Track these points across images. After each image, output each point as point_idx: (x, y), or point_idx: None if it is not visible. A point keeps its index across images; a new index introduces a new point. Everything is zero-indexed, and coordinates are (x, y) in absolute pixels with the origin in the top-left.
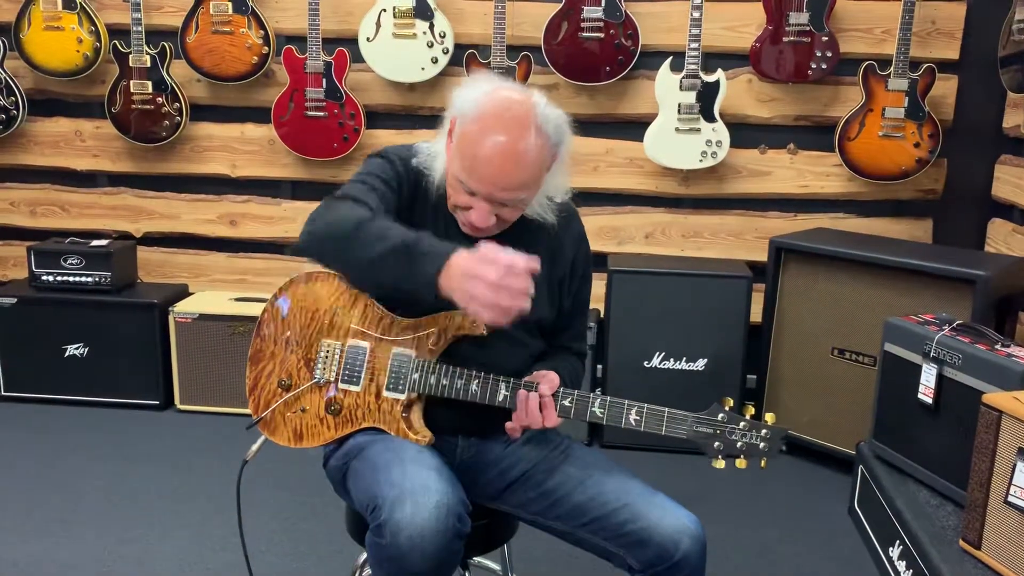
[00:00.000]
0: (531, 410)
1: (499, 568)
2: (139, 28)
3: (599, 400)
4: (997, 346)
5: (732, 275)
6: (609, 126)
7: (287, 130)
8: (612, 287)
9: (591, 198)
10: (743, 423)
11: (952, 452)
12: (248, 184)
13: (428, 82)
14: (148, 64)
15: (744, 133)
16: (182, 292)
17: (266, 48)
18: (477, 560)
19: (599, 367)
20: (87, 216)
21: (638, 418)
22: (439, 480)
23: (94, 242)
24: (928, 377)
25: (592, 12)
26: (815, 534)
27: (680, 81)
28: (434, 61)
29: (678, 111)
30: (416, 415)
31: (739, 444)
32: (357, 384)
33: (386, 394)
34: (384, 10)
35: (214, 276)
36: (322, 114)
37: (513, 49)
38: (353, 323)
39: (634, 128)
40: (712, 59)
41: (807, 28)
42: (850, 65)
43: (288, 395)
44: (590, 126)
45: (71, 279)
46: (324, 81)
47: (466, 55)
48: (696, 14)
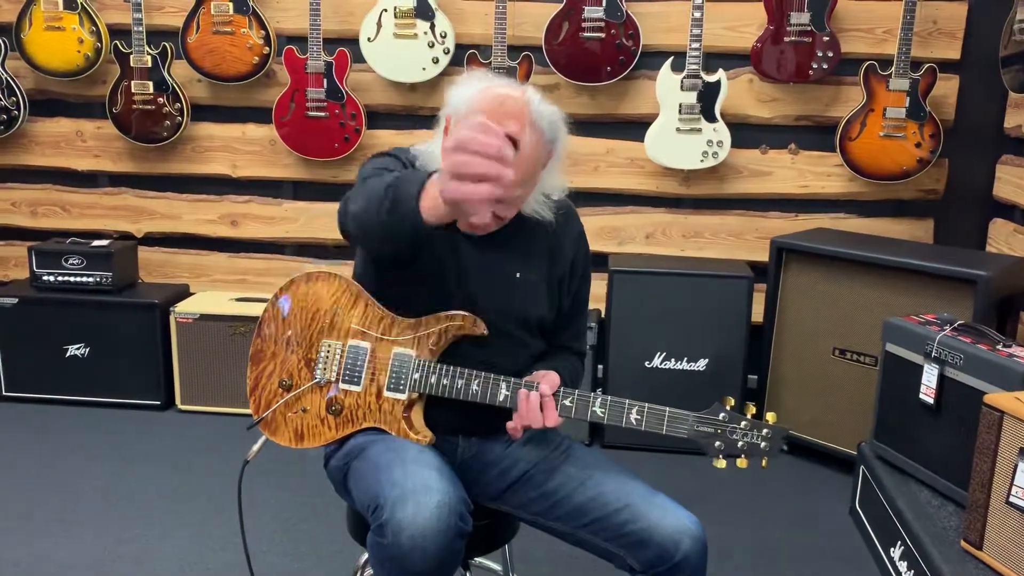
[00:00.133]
0: (532, 409)
1: (500, 568)
2: (140, 28)
3: (600, 399)
4: (998, 346)
5: (733, 275)
6: (610, 126)
7: (288, 130)
8: (613, 287)
9: (592, 198)
10: (744, 422)
11: (953, 452)
12: (249, 184)
13: (429, 82)
14: (149, 64)
15: (745, 133)
16: (183, 292)
17: (267, 48)
18: (478, 560)
19: (600, 367)
20: (88, 216)
21: (639, 417)
22: (441, 480)
23: (95, 242)
24: (929, 377)
25: (593, 12)
26: (816, 534)
27: (681, 81)
28: (435, 61)
29: (679, 111)
30: (417, 415)
31: (740, 443)
32: (358, 384)
33: (387, 394)
34: (385, 10)
35: (215, 276)
36: (323, 114)
37: (514, 49)
38: (354, 323)
39: (635, 128)
40: (713, 59)
41: (808, 28)
42: (851, 65)
43: (289, 395)
44: (591, 126)
45: (72, 279)
46: (325, 81)
47: (467, 55)
48: (697, 14)
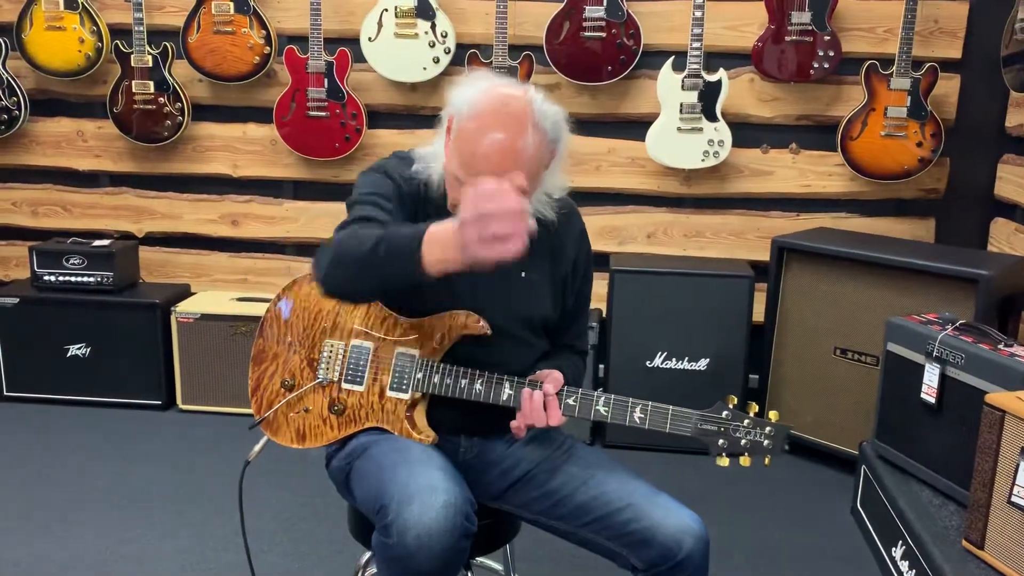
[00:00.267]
0: (536, 409)
1: (501, 568)
2: (141, 28)
3: (604, 398)
4: (1000, 346)
5: (734, 275)
6: (611, 126)
7: (289, 130)
8: (614, 287)
9: (593, 198)
10: (747, 420)
11: (955, 452)
12: (250, 184)
13: (430, 82)
14: (150, 64)
15: (746, 132)
16: (184, 292)
17: (268, 48)
18: (479, 560)
19: (601, 367)
20: (89, 216)
21: (643, 416)
22: (446, 480)
23: (96, 242)
24: (931, 377)
25: (594, 12)
26: (818, 534)
27: (682, 80)
28: (436, 61)
29: (680, 110)
30: (420, 415)
31: (743, 442)
32: (360, 384)
33: (390, 394)
34: (386, 10)
35: (216, 276)
36: (324, 114)
37: (515, 49)
38: (356, 323)
39: (636, 128)
40: (714, 58)
41: (809, 27)
42: (852, 64)
43: (291, 395)
44: (592, 126)
45: (73, 279)
46: (326, 81)
47: (468, 55)
48: (698, 13)
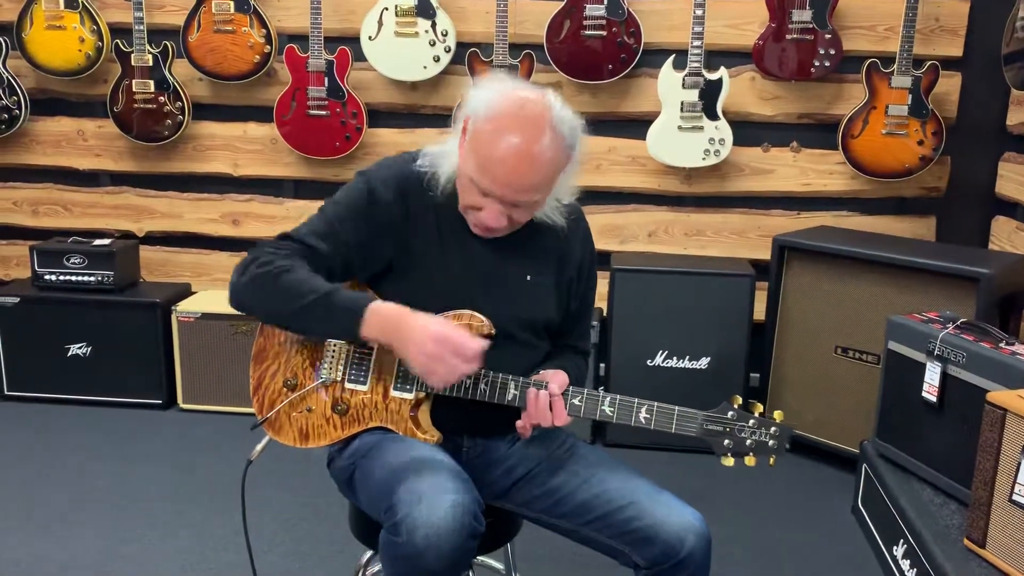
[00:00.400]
0: (541, 408)
1: (502, 567)
2: (141, 27)
3: (609, 398)
4: (1001, 344)
5: (735, 273)
6: (612, 124)
7: (289, 129)
8: (615, 286)
9: (594, 196)
10: (752, 421)
11: (956, 450)
12: (250, 183)
13: (430, 81)
14: (150, 63)
15: (747, 131)
16: (185, 291)
17: (268, 47)
18: (480, 559)
19: (602, 366)
20: (89, 215)
21: (648, 416)
22: (454, 479)
23: (97, 241)
24: (932, 375)
25: (594, 10)
26: (819, 533)
27: (683, 79)
28: (436, 59)
29: (681, 109)
30: (424, 414)
31: (748, 442)
32: (364, 383)
33: (394, 393)
34: (386, 9)
35: (217, 275)
36: (324, 113)
37: (515, 47)
38: None
39: (637, 126)
40: (715, 57)
41: (810, 25)
42: (853, 63)
43: (294, 395)
44: (592, 124)
45: (74, 278)
46: (326, 80)
47: (468, 53)
48: (699, 11)
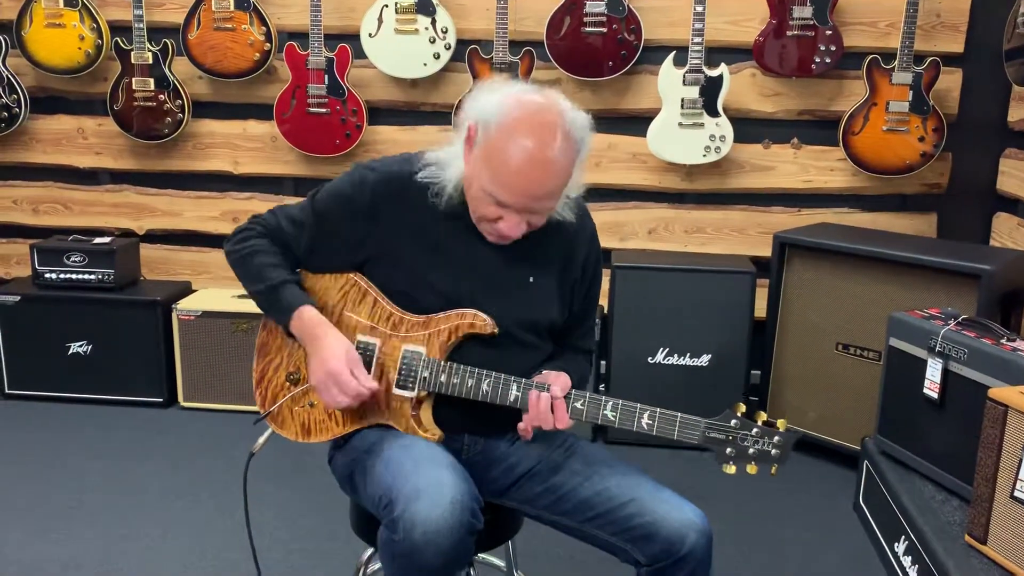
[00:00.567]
0: (543, 411)
1: (503, 564)
2: (141, 25)
3: (611, 403)
4: (1003, 340)
5: (736, 270)
6: (612, 121)
7: (289, 127)
8: (616, 283)
9: (594, 194)
10: (756, 429)
11: (958, 447)
12: (250, 181)
13: (430, 78)
14: (150, 61)
15: (747, 128)
16: (185, 289)
17: (268, 44)
18: (481, 556)
19: (603, 363)
20: (90, 214)
21: (650, 422)
22: (453, 476)
23: (97, 240)
24: (933, 372)
25: (595, 7)
26: (820, 529)
27: (683, 76)
28: (436, 57)
29: (681, 106)
30: (426, 413)
31: (751, 451)
32: None
33: (396, 391)
34: (386, 6)
35: (217, 273)
36: (324, 110)
37: (515, 44)
38: (362, 318)
39: (637, 123)
40: (715, 53)
41: (811, 22)
42: (854, 59)
43: (296, 390)
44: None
45: (74, 277)
46: (326, 77)
47: (468, 51)
48: (699, 8)
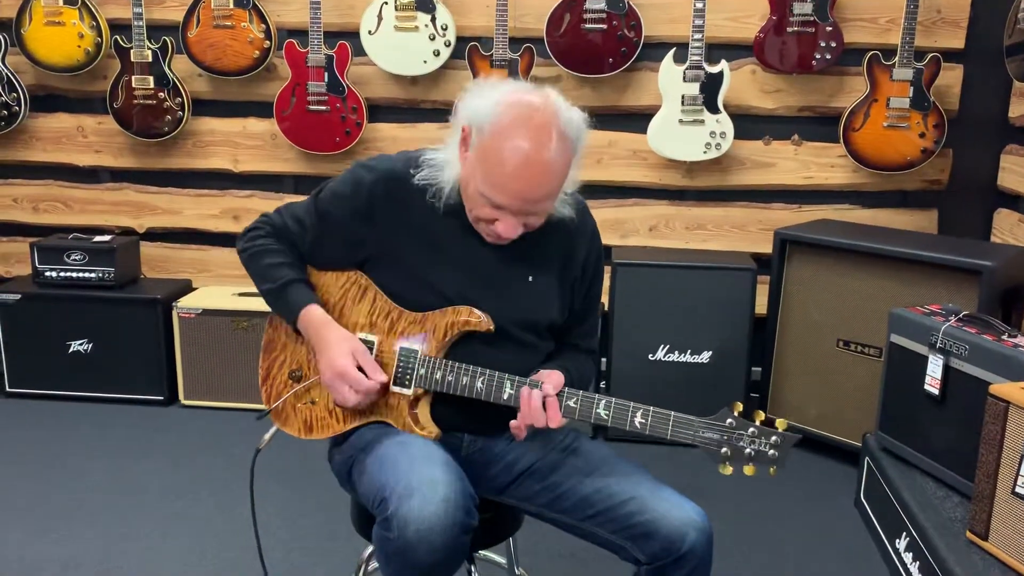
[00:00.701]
0: (535, 408)
1: (504, 561)
2: (140, 23)
3: (604, 401)
4: (1004, 336)
5: (737, 267)
6: (612, 118)
7: (289, 124)
8: (616, 280)
9: (595, 191)
10: (752, 429)
11: (959, 443)
12: (251, 179)
13: (430, 75)
14: (149, 59)
15: (748, 124)
16: (186, 287)
17: (268, 42)
18: (482, 553)
19: (603, 360)
20: (90, 212)
21: (643, 421)
22: (446, 474)
23: (97, 238)
24: (934, 368)
25: (595, 3)
26: (821, 526)
27: (683, 72)
28: (436, 54)
29: (681, 102)
30: (423, 410)
31: (747, 451)
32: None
33: (393, 389)
34: (386, 3)
35: (217, 271)
36: (324, 108)
37: (515, 41)
38: (361, 316)
39: (637, 120)
40: (715, 50)
41: (811, 18)
42: (854, 55)
43: (298, 387)
44: (593, 118)
45: (74, 275)
46: (326, 75)
47: (468, 48)
48: (699, 5)
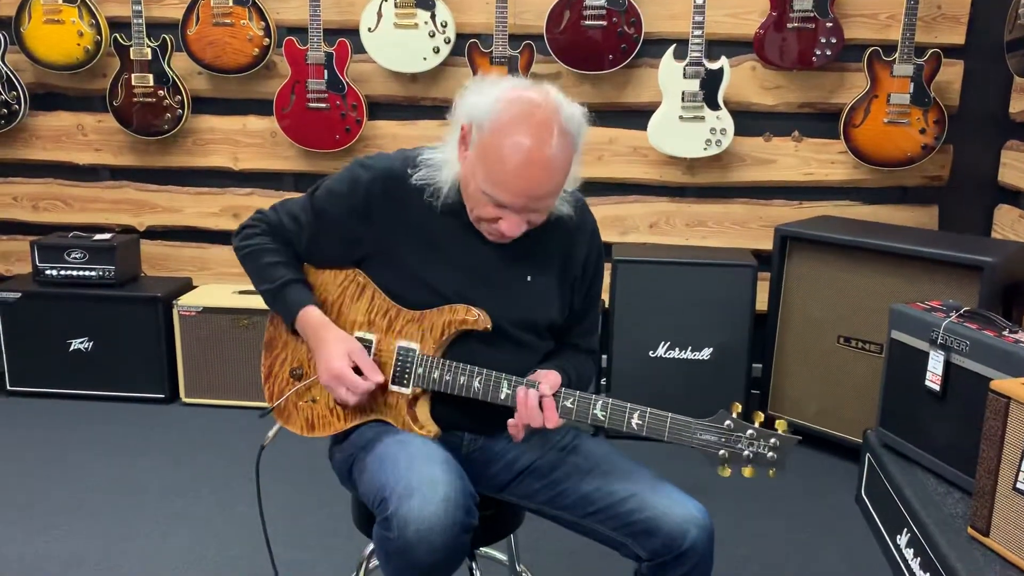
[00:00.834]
0: (531, 409)
1: (506, 558)
2: (140, 21)
3: (601, 402)
4: (1005, 332)
5: (737, 264)
6: (613, 115)
7: (289, 122)
8: (617, 277)
9: (595, 188)
10: (751, 431)
11: (960, 439)
12: (251, 177)
13: (430, 72)
14: (149, 57)
15: (748, 121)
16: (186, 286)
17: (267, 40)
18: (484, 551)
19: (604, 357)
20: (90, 210)
21: (640, 423)
22: (446, 473)
23: (97, 236)
24: (935, 364)
25: (595, 0)
26: (822, 523)
27: (683, 69)
28: (436, 51)
29: (682, 99)
30: (422, 409)
31: (746, 453)
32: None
33: (392, 387)
34: (385, 0)
35: (218, 269)
36: (324, 106)
37: (515, 38)
38: (359, 315)
39: (638, 117)
40: (715, 46)
41: (811, 14)
42: (855, 51)
43: (300, 385)
44: (593, 115)
45: (75, 273)
46: (326, 72)
47: (468, 45)
48: (699, 1)
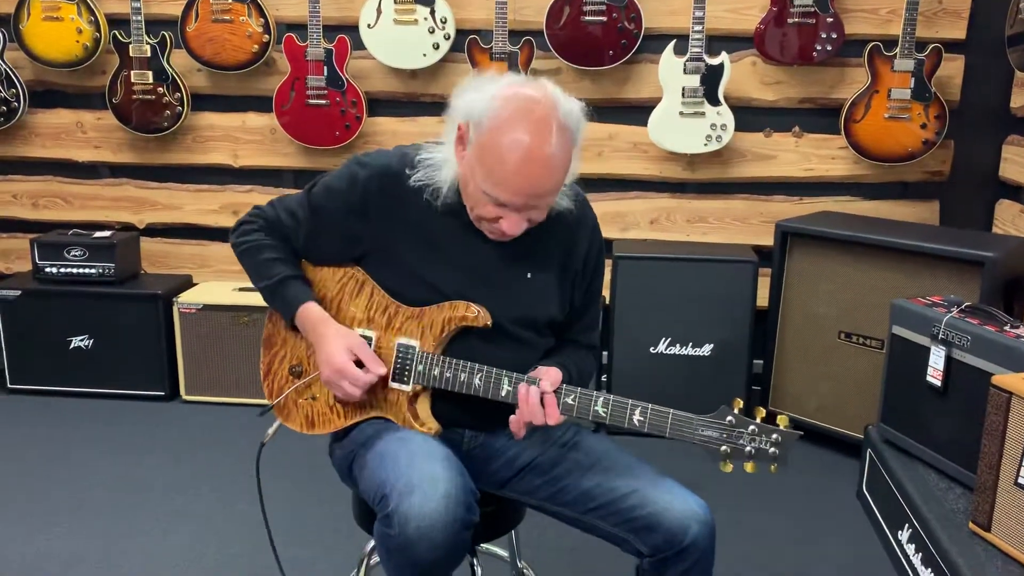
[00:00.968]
0: (532, 406)
1: (507, 554)
2: (139, 18)
3: (602, 399)
4: (1006, 327)
5: (738, 260)
6: (613, 111)
7: (289, 119)
8: (617, 273)
9: (595, 184)
10: (752, 427)
11: (961, 434)
12: (250, 174)
13: (430, 68)
14: (148, 54)
15: (749, 116)
16: (186, 283)
17: (266, 36)
18: (485, 547)
19: (604, 353)
20: (89, 208)
21: (642, 419)
22: (447, 470)
23: (97, 234)
24: (936, 359)
25: None
26: (824, 518)
27: (684, 64)
28: (436, 47)
29: (682, 95)
30: (423, 406)
31: (747, 449)
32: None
33: (392, 384)
34: None
35: (218, 267)
36: (324, 102)
37: (515, 34)
38: (359, 311)
39: (638, 112)
40: (716, 42)
41: (812, 9)
42: (855, 46)
43: (299, 383)
44: (593, 111)
45: (75, 271)
46: (325, 69)
47: (468, 41)
48: None
